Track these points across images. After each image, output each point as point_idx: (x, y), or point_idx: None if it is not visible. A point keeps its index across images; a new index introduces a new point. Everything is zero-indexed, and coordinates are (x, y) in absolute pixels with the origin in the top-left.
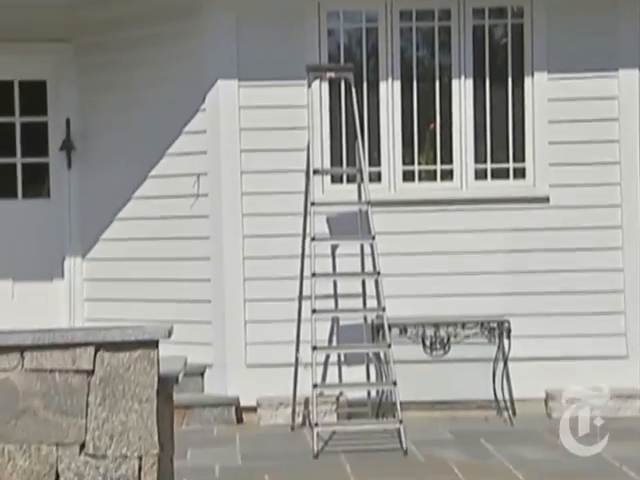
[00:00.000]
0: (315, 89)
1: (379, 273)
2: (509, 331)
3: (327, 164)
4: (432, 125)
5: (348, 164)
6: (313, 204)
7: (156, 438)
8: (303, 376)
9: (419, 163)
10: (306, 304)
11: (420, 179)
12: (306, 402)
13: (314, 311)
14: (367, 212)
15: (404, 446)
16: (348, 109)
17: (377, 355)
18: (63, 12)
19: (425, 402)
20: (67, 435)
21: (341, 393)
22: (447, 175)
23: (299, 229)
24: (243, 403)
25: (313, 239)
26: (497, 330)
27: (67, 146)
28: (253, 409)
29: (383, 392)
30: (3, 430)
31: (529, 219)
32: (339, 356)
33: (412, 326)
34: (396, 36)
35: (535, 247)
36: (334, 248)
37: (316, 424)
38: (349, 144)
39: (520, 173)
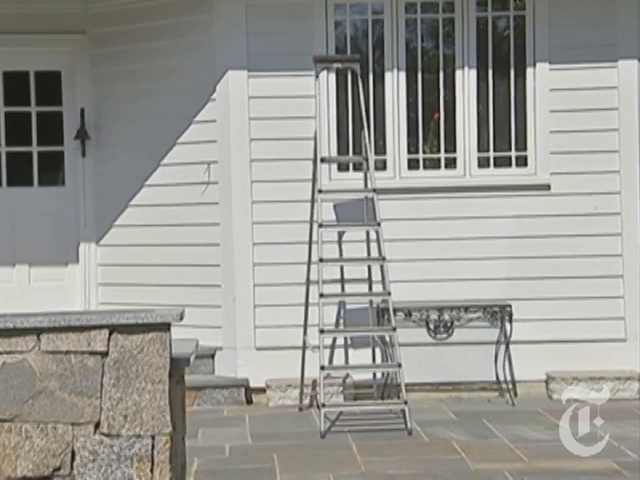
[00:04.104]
0: (322, 79)
1: (384, 258)
2: (511, 315)
3: (334, 153)
4: (436, 114)
5: (354, 153)
6: (320, 192)
7: (168, 418)
8: (311, 358)
9: (424, 152)
10: (314, 288)
11: (425, 167)
12: (313, 384)
13: (321, 295)
14: (373, 199)
15: (409, 426)
16: (354, 99)
17: (382, 338)
18: (77, 4)
19: (429, 384)
20: (82, 415)
21: (347, 375)
22: (451, 163)
23: (307, 216)
24: (252, 384)
25: (320, 225)
26: (499, 314)
27: (81, 135)
28: (262, 390)
29: (388, 374)
30: (21, 410)
31: (530, 206)
32: (346, 339)
33: (417, 310)
34: (401, 28)
35: (536, 233)
36: (341, 234)
37: (323, 405)
38: (355, 133)
39: (522, 161)
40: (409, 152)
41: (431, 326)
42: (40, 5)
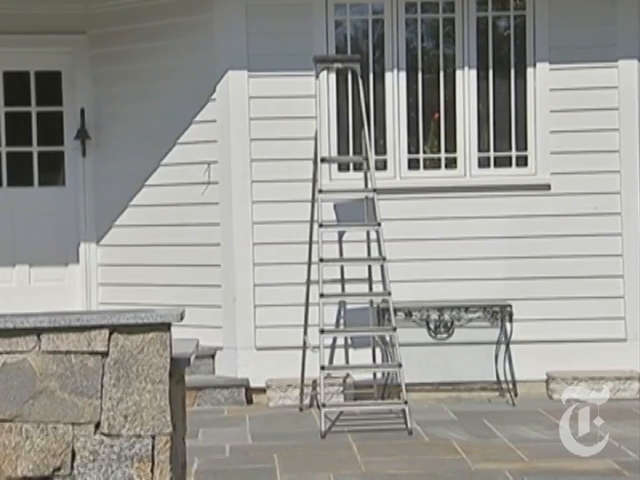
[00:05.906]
0: (323, 79)
1: (385, 258)
2: (511, 315)
3: (334, 153)
4: (437, 114)
5: (355, 152)
6: (321, 191)
7: (169, 418)
8: (311, 358)
9: (424, 151)
10: (314, 288)
11: (425, 167)
12: (314, 384)
13: (322, 295)
14: (373, 199)
15: (409, 426)
16: (355, 99)
17: (383, 338)
18: (77, 4)
19: (429, 383)
20: (83, 415)
21: (348, 375)
22: (451, 163)
23: (307, 216)
24: (253, 384)
25: (321, 225)
26: (499, 314)
27: (82, 135)
28: (262, 390)
29: (389, 374)
30: (21, 410)
31: (531, 206)
32: (346, 339)
33: (417, 310)
34: (402, 27)
35: (536, 233)
36: (341, 234)
37: (323, 405)
38: (356, 133)
39: (522, 161)
40: (409, 152)
41: (431, 326)
42: (40, 5)
